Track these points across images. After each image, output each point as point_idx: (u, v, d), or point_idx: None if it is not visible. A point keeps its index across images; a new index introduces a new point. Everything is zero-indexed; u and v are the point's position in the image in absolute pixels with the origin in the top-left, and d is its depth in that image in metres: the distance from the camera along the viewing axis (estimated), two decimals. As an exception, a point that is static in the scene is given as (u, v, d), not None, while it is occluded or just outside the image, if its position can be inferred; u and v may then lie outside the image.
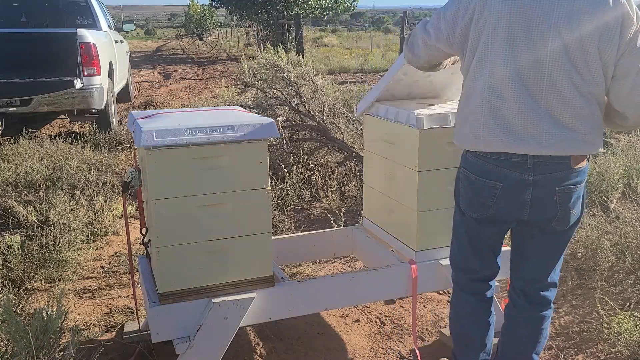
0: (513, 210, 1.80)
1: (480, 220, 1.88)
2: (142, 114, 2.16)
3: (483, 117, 1.74)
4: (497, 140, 1.73)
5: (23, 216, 3.71)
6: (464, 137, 1.83)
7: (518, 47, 1.67)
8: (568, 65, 1.66)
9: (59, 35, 5.96)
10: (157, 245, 1.99)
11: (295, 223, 3.92)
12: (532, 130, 1.69)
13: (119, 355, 2.42)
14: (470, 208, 1.88)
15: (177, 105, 8.89)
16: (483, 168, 1.79)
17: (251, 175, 2.04)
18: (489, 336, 2.05)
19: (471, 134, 1.79)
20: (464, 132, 1.82)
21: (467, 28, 1.76)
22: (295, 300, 2.21)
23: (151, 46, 26.44)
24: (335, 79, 11.28)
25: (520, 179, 1.74)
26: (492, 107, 1.72)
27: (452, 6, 1.81)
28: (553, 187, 1.74)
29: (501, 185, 1.77)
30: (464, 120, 1.82)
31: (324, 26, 40.07)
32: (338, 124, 5.15)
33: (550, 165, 1.72)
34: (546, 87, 1.67)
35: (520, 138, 1.70)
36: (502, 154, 1.74)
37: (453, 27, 1.80)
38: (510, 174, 1.75)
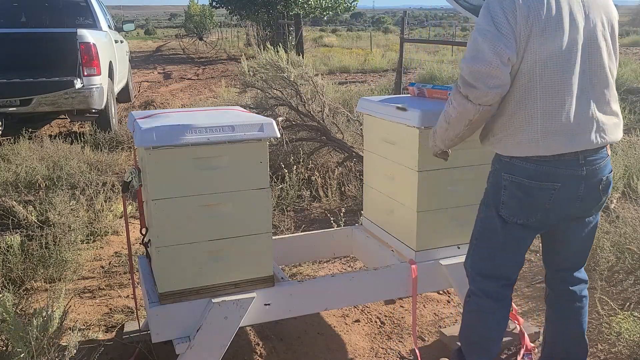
0: (567, 208, 1.84)
1: (525, 226, 1.87)
2: (142, 114, 2.16)
3: (540, 121, 1.74)
4: (555, 143, 1.74)
5: (23, 216, 3.71)
6: (515, 146, 1.79)
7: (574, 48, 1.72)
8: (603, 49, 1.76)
9: (59, 35, 5.96)
10: (157, 245, 1.99)
11: (295, 223, 3.92)
12: (586, 126, 1.75)
13: (119, 355, 2.42)
14: (517, 214, 1.86)
15: (177, 105, 8.89)
16: (538, 172, 1.78)
17: (251, 175, 2.04)
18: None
19: (526, 141, 1.76)
20: (515, 141, 1.78)
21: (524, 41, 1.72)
22: (295, 300, 2.21)
23: (151, 46, 26.44)
24: (335, 79, 11.28)
25: (575, 175, 1.78)
26: (546, 110, 1.73)
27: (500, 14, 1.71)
28: (599, 177, 1.82)
29: (559, 185, 1.78)
30: (517, 128, 1.77)
31: (324, 26, 40.06)
32: (338, 124, 5.15)
33: (595, 157, 1.79)
34: (590, 75, 1.75)
35: (576, 135, 1.74)
36: (556, 155, 1.76)
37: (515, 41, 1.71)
38: (566, 173, 1.77)
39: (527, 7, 1.70)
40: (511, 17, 1.70)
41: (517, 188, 1.83)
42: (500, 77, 1.71)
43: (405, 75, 9.79)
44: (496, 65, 1.69)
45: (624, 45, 21.04)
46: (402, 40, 8.90)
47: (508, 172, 1.84)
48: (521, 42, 1.71)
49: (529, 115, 1.75)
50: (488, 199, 1.95)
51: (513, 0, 1.71)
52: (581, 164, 1.78)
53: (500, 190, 1.87)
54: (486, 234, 1.96)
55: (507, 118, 1.80)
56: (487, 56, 1.70)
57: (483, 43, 1.71)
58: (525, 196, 1.82)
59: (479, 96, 1.73)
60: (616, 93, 1.83)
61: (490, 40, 1.70)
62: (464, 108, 1.79)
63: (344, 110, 5.62)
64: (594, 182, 1.81)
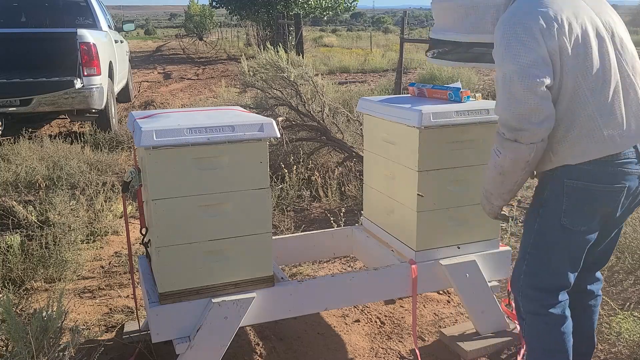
0: (629, 208, 1.83)
1: (588, 231, 1.83)
2: (142, 114, 2.16)
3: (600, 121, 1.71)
4: (620, 138, 1.72)
5: (23, 216, 3.71)
6: (581, 153, 1.74)
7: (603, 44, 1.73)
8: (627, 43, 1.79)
9: (58, 35, 5.96)
10: (157, 245, 1.99)
11: (295, 223, 3.92)
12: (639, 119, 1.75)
13: (119, 355, 2.42)
14: (581, 221, 1.80)
15: (177, 105, 8.89)
16: (606, 173, 1.74)
17: (251, 175, 2.04)
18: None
19: (592, 144, 1.72)
20: (581, 149, 1.73)
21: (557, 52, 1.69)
22: (295, 300, 2.21)
23: (151, 46, 26.43)
24: (335, 79, 11.28)
25: (637, 172, 1.76)
26: (601, 111, 1.72)
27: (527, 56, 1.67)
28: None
29: (626, 185, 1.76)
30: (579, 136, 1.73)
31: (324, 26, 40.06)
32: (338, 124, 5.15)
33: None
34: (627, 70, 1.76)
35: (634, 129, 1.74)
36: (619, 154, 1.73)
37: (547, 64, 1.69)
38: (631, 170, 1.75)
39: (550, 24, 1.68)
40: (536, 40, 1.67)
41: (583, 193, 1.77)
42: (543, 111, 1.67)
43: (405, 75, 9.79)
44: (535, 102, 1.66)
45: (624, 45, 21.01)
46: (402, 40, 8.90)
47: (573, 178, 1.77)
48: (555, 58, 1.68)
49: (586, 120, 1.71)
50: (543, 209, 1.85)
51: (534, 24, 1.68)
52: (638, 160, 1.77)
53: (562, 198, 1.79)
54: (545, 245, 1.86)
55: (564, 132, 1.75)
56: (523, 96, 1.66)
57: (514, 84, 1.66)
58: (591, 201, 1.77)
59: (530, 136, 1.70)
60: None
61: (520, 78, 1.66)
62: (517, 153, 1.74)
63: (344, 110, 5.61)
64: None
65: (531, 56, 1.66)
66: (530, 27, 1.68)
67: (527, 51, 1.67)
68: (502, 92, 1.70)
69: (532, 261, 1.89)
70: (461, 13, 1.85)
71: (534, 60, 1.66)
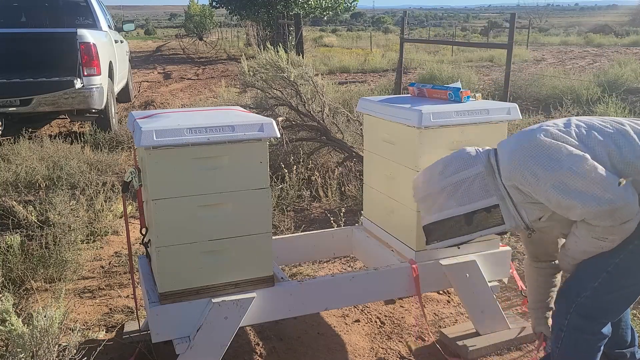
0: None
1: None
2: (142, 114, 2.16)
3: None
4: None
5: (23, 216, 3.71)
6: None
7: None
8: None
9: (58, 35, 5.96)
10: (157, 245, 1.99)
11: (295, 223, 3.92)
12: None
13: (119, 355, 2.42)
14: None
15: (177, 105, 8.89)
16: None
17: (251, 175, 2.04)
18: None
19: None
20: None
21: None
22: (295, 300, 2.21)
23: (151, 46, 26.44)
24: (335, 79, 11.28)
25: None
26: None
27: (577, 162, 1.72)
28: None
29: None
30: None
31: (324, 26, 40.07)
32: (338, 124, 5.15)
33: None
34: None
35: None
36: None
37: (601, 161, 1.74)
38: None
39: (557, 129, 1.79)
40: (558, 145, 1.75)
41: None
42: (630, 193, 1.70)
43: (405, 75, 9.79)
44: (606, 179, 1.68)
45: (624, 45, 21.05)
46: (402, 40, 8.91)
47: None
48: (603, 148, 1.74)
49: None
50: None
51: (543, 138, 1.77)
52: None
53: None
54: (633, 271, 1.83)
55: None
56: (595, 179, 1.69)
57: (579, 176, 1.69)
58: None
59: (631, 209, 1.70)
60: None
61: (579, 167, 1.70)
62: (628, 229, 1.75)
63: (344, 110, 5.62)
64: None
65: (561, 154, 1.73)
66: (537, 141, 1.78)
67: (551, 156, 1.74)
68: (570, 196, 1.71)
69: (609, 282, 1.83)
70: (449, 192, 1.93)
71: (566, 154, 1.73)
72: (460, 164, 1.94)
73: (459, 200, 1.92)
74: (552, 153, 1.74)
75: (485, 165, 1.90)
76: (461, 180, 1.91)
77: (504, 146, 1.90)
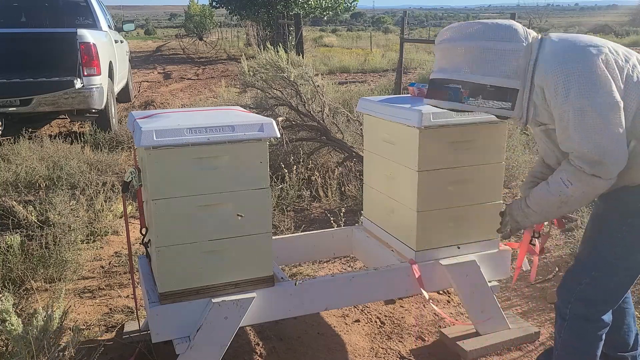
0: None
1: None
2: (142, 114, 2.16)
3: None
4: None
5: (23, 216, 3.71)
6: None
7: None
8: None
9: (58, 35, 5.96)
10: (157, 245, 1.99)
11: (295, 223, 3.92)
12: None
13: (119, 355, 2.42)
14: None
15: (177, 105, 8.89)
16: None
17: (251, 175, 2.04)
18: None
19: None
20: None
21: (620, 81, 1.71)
22: (295, 300, 2.21)
23: (151, 46, 26.43)
24: (335, 79, 11.28)
25: None
26: None
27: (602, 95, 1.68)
28: None
29: None
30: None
31: (324, 26, 40.05)
32: (338, 124, 5.15)
33: None
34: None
35: None
36: None
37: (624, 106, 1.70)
38: None
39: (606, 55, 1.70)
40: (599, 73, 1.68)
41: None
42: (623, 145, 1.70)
43: (405, 75, 9.79)
44: (618, 136, 1.68)
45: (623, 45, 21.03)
46: (402, 40, 8.91)
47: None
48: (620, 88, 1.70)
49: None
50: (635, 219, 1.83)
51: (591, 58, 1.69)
52: None
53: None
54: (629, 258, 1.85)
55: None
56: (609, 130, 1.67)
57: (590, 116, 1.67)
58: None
59: (611, 169, 1.71)
60: None
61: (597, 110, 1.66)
62: (593, 186, 1.74)
63: (344, 110, 5.62)
64: None
65: (601, 89, 1.67)
66: (590, 62, 1.69)
67: (594, 85, 1.67)
68: (579, 127, 1.69)
69: (608, 271, 1.86)
70: (475, 55, 1.79)
71: (606, 92, 1.67)
72: (502, 33, 1.78)
73: (481, 68, 1.78)
74: (595, 82, 1.67)
75: (526, 48, 1.77)
76: (494, 49, 1.77)
77: (554, 46, 1.77)
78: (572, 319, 1.92)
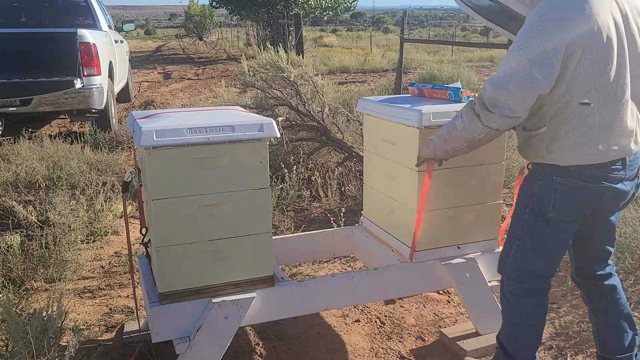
0: (612, 205, 1.93)
1: (572, 222, 1.93)
2: (142, 114, 2.16)
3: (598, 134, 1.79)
4: (611, 152, 1.81)
5: (23, 216, 3.71)
6: (574, 157, 1.82)
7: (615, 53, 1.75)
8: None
9: (58, 35, 5.96)
10: (157, 245, 1.99)
11: (295, 223, 3.92)
12: (632, 132, 1.84)
13: (119, 355, 2.42)
14: (567, 214, 1.90)
15: (177, 105, 8.89)
16: (594, 176, 1.83)
17: (251, 175, 2.04)
18: None
19: (584, 153, 1.80)
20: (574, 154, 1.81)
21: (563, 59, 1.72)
22: (295, 300, 2.21)
23: (151, 46, 26.44)
24: (335, 79, 11.28)
25: (622, 177, 1.86)
26: (603, 124, 1.79)
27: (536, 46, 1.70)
28: (636, 176, 1.91)
29: (612, 186, 1.85)
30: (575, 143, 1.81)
31: (324, 26, 40.08)
32: (338, 124, 5.15)
33: (635, 159, 1.89)
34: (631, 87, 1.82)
35: (627, 143, 1.83)
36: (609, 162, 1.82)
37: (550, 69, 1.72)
38: (617, 175, 1.85)
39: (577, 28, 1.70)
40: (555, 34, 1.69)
41: (571, 190, 1.86)
42: (518, 112, 1.76)
43: (405, 75, 9.80)
44: (519, 101, 1.73)
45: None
46: (402, 40, 8.91)
47: (561, 176, 1.86)
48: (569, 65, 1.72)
49: (587, 130, 1.79)
50: (532, 201, 1.94)
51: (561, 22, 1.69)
52: (626, 167, 1.86)
53: (551, 194, 1.88)
54: (532, 235, 1.96)
55: (564, 135, 1.81)
56: (513, 88, 1.72)
57: (518, 72, 1.71)
58: (579, 197, 1.87)
59: (491, 120, 1.80)
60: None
61: (525, 70, 1.70)
62: (472, 125, 1.85)
63: (344, 110, 5.62)
64: (633, 183, 1.91)
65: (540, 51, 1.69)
66: (560, 18, 1.70)
67: (540, 45, 1.69)
68: (504, 68, 1.75)
69: (521, 248, 1.99)
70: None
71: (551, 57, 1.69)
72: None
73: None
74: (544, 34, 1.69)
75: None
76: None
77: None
78: (509, 296, 2.04)
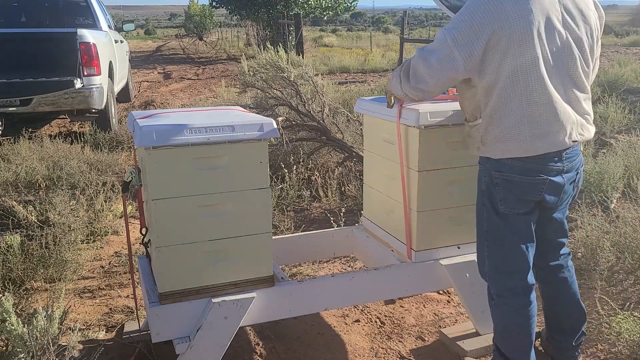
0: (553, 199, 1.95)
1: (526, 213, 1.96)
2: (142, 114, 2.16)
3: (527, 128, 1.83)
4: (542, 145, 1.85)
5: (23, 216, 3.71)
6: (506, 151, 1.88)
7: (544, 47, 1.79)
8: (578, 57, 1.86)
9: (58, 35, 5.96)
10: (157, 245, 1.99)
11: (295, 223, 3.92)
12: (566, 126, 1.86)
13: (119, 355, 2.42)
14: (516, 206, 1.94)
15: (177, 105, 8.89)
16: (527, 168, 1.88)
17: (251, 175, 2.04)
18: None
19: (515, 147, 1.86)
20: (505, 147, 1.87)
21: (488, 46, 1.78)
22: (295, 300, 2.21)
23: (151, 46, 26.43)
24: (335, 79, 11.28)
25: (557, 170, 1.90)
26: (532, 118, 1.83)
27: (464, 29, 1.79)
28: (575, 170, 1.96)
29: (548, 179, 1.89)
30: (506, 135, 1.86)
31: (324, 26, 40.05)
32: (338, 124, 5.15)
33: (572, 153, 1.93)
34: (567, 81, 1.86)
35: (559, 137, 1.85)
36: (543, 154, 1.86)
37: (470, 52, 1.79)
38: (551, 168, 1.89)
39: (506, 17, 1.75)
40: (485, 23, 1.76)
41: (510, 184, 1.92)
42: (430, 86, 1.91)
43: (405, 75, 9.75)
44: (435, 76, 1.87)
45: (623, 45, 21.06)
46: (402, 40, 8.92)
47: (498, 170, 1.93)
48: (495, 54, 1.78)
49: (516, 122, 1.84)
50: (484, 198, 2.02)
51: (492, 10, 1.76)
52: (563, 159, 1.90)
53: (495, 188, 1.96)
54: (495, 232, 2.01)
55: (495, 126, 1.88)
56: (433, 63, 1.85)
57: (441, 49, 1.83)
58: (517, 190, 1.92)
59: (405, 88, 1.98)
60: (590, 94, 1.95)
61: (448, 49, 1.81)
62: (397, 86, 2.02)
63: (344, 110, 5.62)
64: (571, 175, 1.96)
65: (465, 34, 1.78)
66: (492, 6, 1.77)
67: (466, 28, 1.78)
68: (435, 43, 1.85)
69: (491, 246, 2.03)
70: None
71: (475, 44, 1.78)
72: None
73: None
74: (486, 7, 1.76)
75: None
76: None
77: None
78: (496, 298, 2.06)
